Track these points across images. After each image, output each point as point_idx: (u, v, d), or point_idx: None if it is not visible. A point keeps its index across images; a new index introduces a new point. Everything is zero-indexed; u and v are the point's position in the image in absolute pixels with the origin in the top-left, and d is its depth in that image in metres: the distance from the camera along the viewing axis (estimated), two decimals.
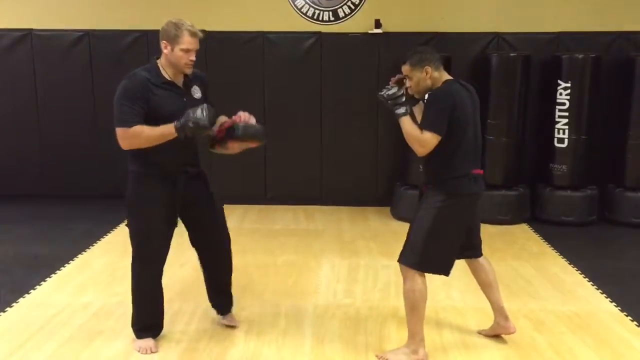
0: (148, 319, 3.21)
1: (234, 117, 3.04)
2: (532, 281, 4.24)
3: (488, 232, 5.36)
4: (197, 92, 3.09)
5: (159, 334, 3.26)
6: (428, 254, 3.01)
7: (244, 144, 3.07)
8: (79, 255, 4.62)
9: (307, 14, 6.04)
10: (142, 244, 3.06)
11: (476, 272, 3.33)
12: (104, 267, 4.35)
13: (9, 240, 5.03)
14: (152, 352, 3.13)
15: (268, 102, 6.11)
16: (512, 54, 5.68)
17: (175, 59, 2.94)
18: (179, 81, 3.03)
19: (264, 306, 3.75)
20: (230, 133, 2.97)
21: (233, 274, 3.41)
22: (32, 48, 6.06)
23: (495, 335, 3.37)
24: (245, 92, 5.98)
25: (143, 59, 5.93)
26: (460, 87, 3.03)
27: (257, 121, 3.10)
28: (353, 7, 6.01)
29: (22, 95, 6.14)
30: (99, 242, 4.94)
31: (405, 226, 5.68)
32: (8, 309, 3.66)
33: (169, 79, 2.99)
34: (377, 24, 5.92)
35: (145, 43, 5.99)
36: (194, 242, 3.28)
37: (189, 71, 3.00)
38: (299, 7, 6.02)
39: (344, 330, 3.44)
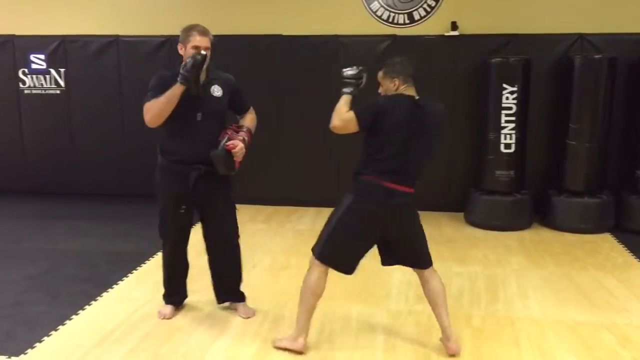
0: (167, 287, 3.68)
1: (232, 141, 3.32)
2: (615, 293, 4.04)
3: (568, 241, 5.20)
4: (217, 91, 3.38)
5: (178, 303, 3.72)
6: (328, 248, 3.09)
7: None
8: (158, 253, 4.76)
9: (382, 17, 6.01)
10: (160, 224, 3.53)
11: (423, 288, 3.26)
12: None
13: (94, 236, 5.30)
14: (165, 318, 3.59)
15: None
16: (596, 56, 5.43)
17: (188, 56, 3.23)
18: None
19: (335, 310, 3.76)
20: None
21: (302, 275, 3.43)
22: (119, 53, 6.36)
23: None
24: (317, 95, 6.03)
25: (217, 61, 6.12)
26: (409, 102, 3.06)
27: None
28: (429, 9, 5.94)
29: (109, 98, 6.45)
30: None
31: (480, 232, 5.61)
32: (93, 302, 3.85)
33: None
34: (454, 26, 5.82)
35: (222, 46, 6.14)
36: (204, 237, 3.60)
37: None
38: (373, 10, 6.01)
39: (417, 337, 3.40)
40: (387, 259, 3.28)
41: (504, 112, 5.44)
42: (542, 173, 5.86)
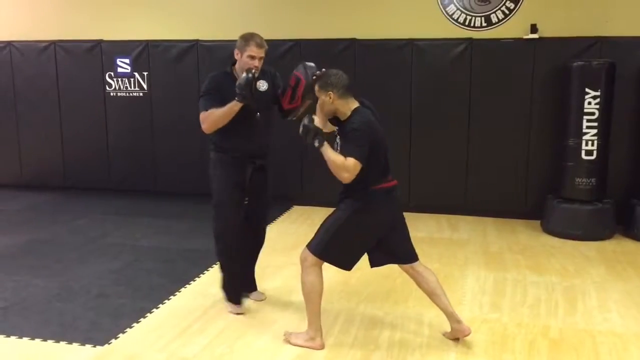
0: (229, 283, 3.75)
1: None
2: None
3: None
4: (262, 86, 3.56)
5: (243, 293, 3.81)
6: (333, 249, 3.19)
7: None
8: None
9: (459, 21, 5.94)
10: (216, 216, 3.65)
11: (417, 282, 3.36)
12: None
13: (172, 233, 5.51)
14: (238, 313, 3.69)
15: (415, 109, 6.10)
16: None
17: (243, 63, 3.47)
18: None
19: (408, 313, 3.75)
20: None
21: (377, 279, 3.46)
22: (198, 57, 6.58)
23: (456, 338, 3.35)
24: (392, 99, 6.02)
25: (295, 65, 6.23)
26: (369, 112, 3.17)
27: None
28: (507, 12, 5.82)
29: (188, 100, 6.66)
30: None
31: (558, 241, 5.44)
32: (172, 297, 4.00)
33: None
34: (533, 29, 5.67)
35: (298, 51, 6.26)
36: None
37: None
38: (450, 13, 5.95)
39: (490, 346, 3.33)
40: (378, 259, 3.33)
41: (585, 117, 5.25)
42: (625, 182, 5.61)
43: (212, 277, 4.37)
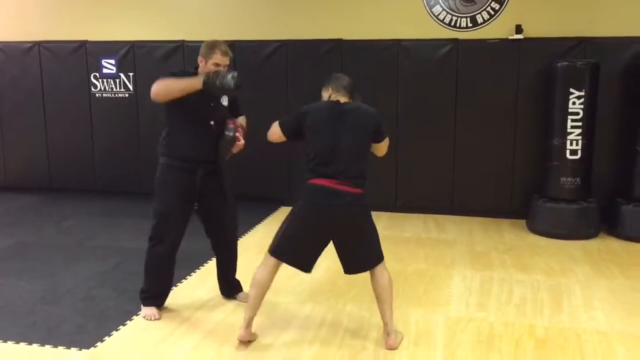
0: (154, 289, 3.71)
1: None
2: None
3: (638, 252, 5.02)
4: (224, 100, 3.61)
5: (162, 304, 3.76)
6: (281, 244, 3.26)
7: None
8: None
9: (444, 21, 5.97)
10: (160, 224, 3.58)
11: (371, 280, 3.34)
12: (240, 266, 4.56)
13: None
14: (155, 319, 3.63)
15: (402, 109, 6.12)
16: None
17: (208, 71, 3.43)
18: None
19: (395, 314, 3.73)
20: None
21: (364, 280, 3.46)
22: (184, 58, 6.55)
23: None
24: (379, 99, 6.01)
25: (282, 65, 6.21)
26: (327, 104, 3.28)
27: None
28: (493, 12, 5.85)
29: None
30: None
31: (543, 240, 5.48)
32: None
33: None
34: (518, 30, 5.71)
35: (284, 52, 6.24)
36: (207, 233, 3.80)
37: None
38: (435, 14, 5.98)
39: (477, 345, 3.35)
40: (344, 266, 3.34)
41: (570, 117, 5.30)
42: (609, 181, 5.67)
43: (199, 279, 4.36)
